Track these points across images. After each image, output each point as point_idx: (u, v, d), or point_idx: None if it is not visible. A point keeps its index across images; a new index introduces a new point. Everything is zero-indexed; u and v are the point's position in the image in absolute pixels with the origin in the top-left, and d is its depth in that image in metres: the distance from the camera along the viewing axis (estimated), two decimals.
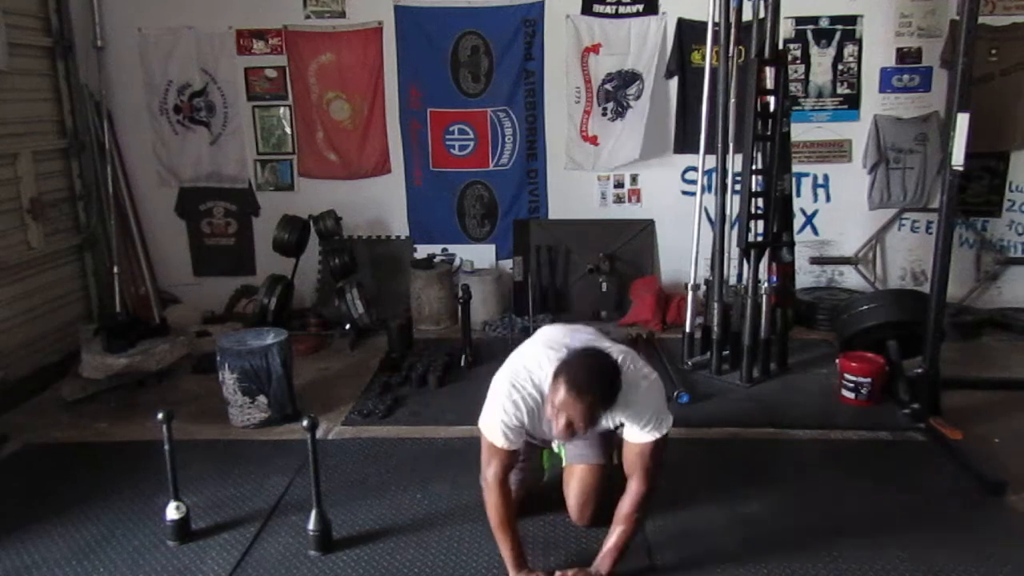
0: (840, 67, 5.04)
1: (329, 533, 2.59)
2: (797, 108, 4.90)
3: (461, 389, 3.95)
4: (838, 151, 5.16)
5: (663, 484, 2.92)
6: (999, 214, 5.13)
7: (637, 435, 2.28)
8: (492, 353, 4.25)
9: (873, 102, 5.06)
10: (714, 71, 4.13)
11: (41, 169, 4.42)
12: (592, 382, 2.07)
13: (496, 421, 2.26)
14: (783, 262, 4.05)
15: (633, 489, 2.30)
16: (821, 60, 5.04)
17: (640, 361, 2.35)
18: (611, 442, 2.64)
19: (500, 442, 2.27)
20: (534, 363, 2.29)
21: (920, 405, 3.45)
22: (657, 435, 2.28)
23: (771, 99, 3.85)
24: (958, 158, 3.17)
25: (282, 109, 5.23)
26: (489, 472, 2.30)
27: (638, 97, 5.07)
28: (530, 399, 2.26)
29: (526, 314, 4.89)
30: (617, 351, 2.31)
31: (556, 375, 2.12)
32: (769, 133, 3.87)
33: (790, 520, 2.71)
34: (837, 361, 3.82)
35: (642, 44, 5.02)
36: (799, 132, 4.84)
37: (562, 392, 2.07)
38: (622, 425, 2.34)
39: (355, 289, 4.85)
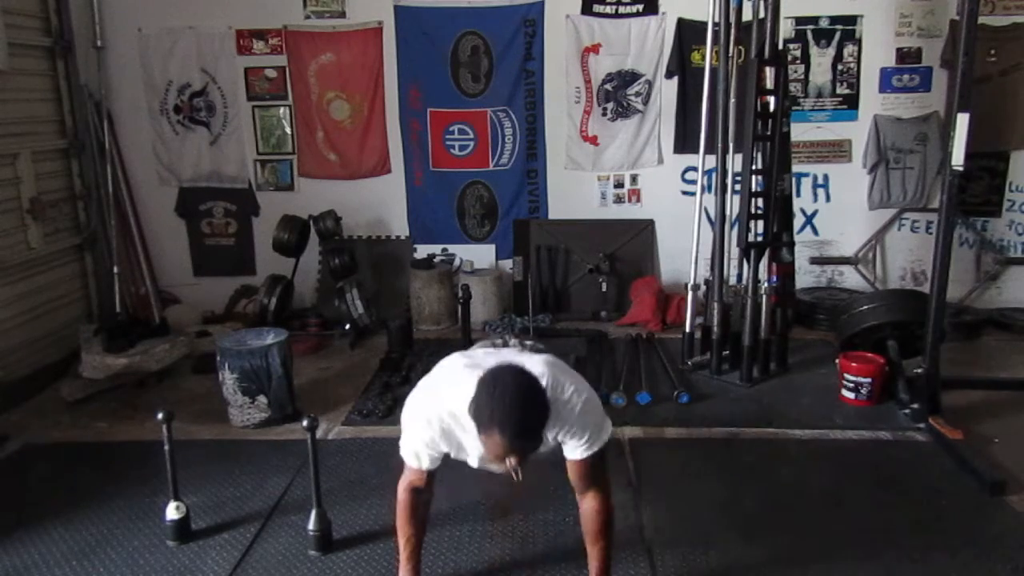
0: (840, 67, 5.04)
1: (329, 533, 2.59)
2: (797, 108, 4.90)
3: None
4: (838, 151, 5.15)
5: (663, 483, 2.96)
6: (999, 214, 5.13)
7: (578, 452, 2.12)
8: None
9: (873, 102, 5.06)
10: (714, 71, 4.13)
11: (41, 169, 4.42)
12: (520, 414, 1.83)
13: (414, 449, 2.14)
14: (783, 262, 4.05)
15: (592, 507, 2.17)
16: (821, 60, 5.04)
17: (568, 373, 2.15)
18: None
19: (423, 464, 2.16)
20: (446, 385, 2.09)
21: (920, 405, 3.45)
22: (597, 448, 2.13)
23: (771, 99, 3.86)
24: (958, 158, 3.17)
25: (282, 109, 5.23)
26: (403, 482, 2.21)
27: (640, 96, 5.07)
28: (443, 423, 2.05)
29: (526, 314, 4.89)
30: (539, 365, 2.07)
31: (479, 420, 1.86)
32: (769, 133, 3.87)
33: (790, 520, 2.71)
34: (837, 361, 3.82)
35: (642, 44, 5.03)
36: (799, 132, 4.84)
37: (496, 436, 1.83)
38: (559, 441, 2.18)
39: (355, 289, 4.85)
